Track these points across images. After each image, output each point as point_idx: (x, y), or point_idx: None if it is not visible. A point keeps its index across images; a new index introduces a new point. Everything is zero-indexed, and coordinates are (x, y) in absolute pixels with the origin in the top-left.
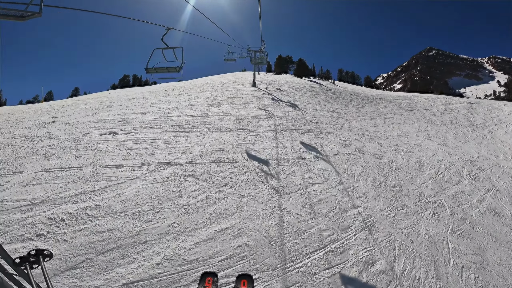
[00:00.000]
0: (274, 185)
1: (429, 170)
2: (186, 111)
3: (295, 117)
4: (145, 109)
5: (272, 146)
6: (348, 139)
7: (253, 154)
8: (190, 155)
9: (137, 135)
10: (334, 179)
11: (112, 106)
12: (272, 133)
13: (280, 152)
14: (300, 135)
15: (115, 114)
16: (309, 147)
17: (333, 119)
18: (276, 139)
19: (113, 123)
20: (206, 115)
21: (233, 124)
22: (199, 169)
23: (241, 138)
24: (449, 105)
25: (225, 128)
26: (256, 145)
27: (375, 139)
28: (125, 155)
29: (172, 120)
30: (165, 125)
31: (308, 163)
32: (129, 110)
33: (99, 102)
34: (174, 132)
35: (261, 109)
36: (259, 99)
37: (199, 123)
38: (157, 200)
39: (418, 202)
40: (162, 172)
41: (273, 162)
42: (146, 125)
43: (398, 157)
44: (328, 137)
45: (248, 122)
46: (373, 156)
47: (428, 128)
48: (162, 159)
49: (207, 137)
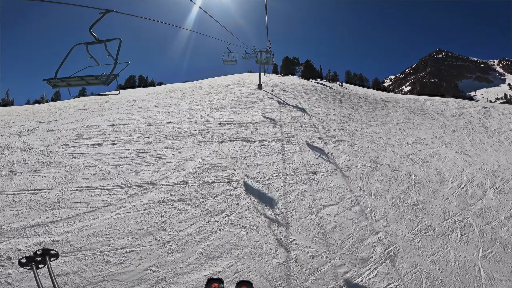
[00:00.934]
0: (280, 210)
1: (451, 183)
2: (185, 116)
3: (303, 123)
4: (141, 114)
5: (279, 159)
6: (361, 148)
7: (257, 171)
8: (182, 173)
9: (123, 147)
10: (350, 199)
11: (109, 109)
12: (278, 143)
13: (288, 166)
14: (310, 144)
15: (107, 119)
16: (319, 158)
17: (343, 125)
18: (283, 150)
19: (100, 131)
20: (206, 121)
21: (235, 133)
22: (191, 192)
23: (243, 150)
24: (462, 109)
25: (226, 138)
26: (261, 158)
27: (389, 147)
28: (103, 173)
29: (167, 128)
30: (158, 134)
31: (319, 179)
32: (123, 114)
33: (99, 103)
34: (167, 143)
35: (266, 114)
36: (264, 103)
37: (197, 131)
38: (133, 234)
39: (443, 222)
40: (144, 197)
41: (279, 180)
42: (137, 133)
43: (417, 169)
44: (339, 146)
45: (252, 130)
46: (389, 167)
47: (443, 134)
48: (147, 179)
49: (205, 149)
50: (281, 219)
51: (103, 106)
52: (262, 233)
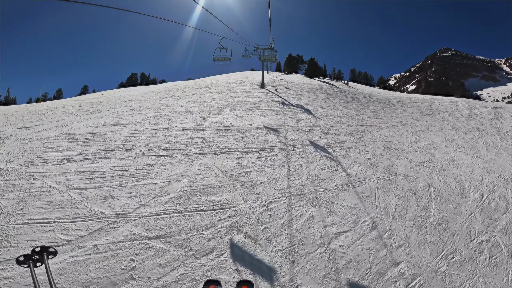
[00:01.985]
0: (284, 244)
1: (473, 195)
2: (178, 121)
3: (309, 127)
4: (130, 118)
5: (283, 175)
6: (373, 155)
7: (257, 191)
8: (164, 199)
9: (97, 163)
10: (365, 222)
11: (98, 111)
12: (282, 153)
13: (293, 183)
14: (317, 153)
15: (90, 124)
16: (329, 171)
17: (352, 128)
18: (287, 163)
19: (76, 140)
20: (202, 127)
21: (234, 141)
22: (173, 225)
23: (241, 164)
24: (473, 110)
25: (222, 148)
26: (262, 174)
27: (402, 153)
28: (64, 201)
29: (154, 136)
30: (142, 144)
31: (330, 198)
32: (110, 118)
33: (91, 104)
34: (151, 157)
35: (269, 117)
36: (267, 104)
37: (189, 140)
38: (91, 285)
39: (470, 243)
40: (112, 233)
41: (283, 203)
42: (118, 144)
43: (434, 179)
44: (350, 154)
45: (252, 137)
46: (405, 179)
47: (455, 136)
48: (118, 208)
49: (196, 164)
50: (285, 257)
51: (95, 107)
52: (261, 277)
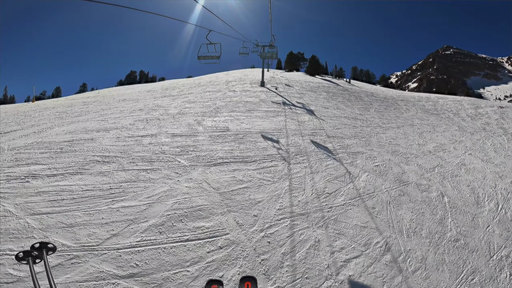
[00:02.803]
0: (285, 279)
1: (488, 204)
2: (169, 125)
3: (312, 130)
4: (117, 122)
5: (284, 190)
6: (382, 161)
7: (254, 213)
8: (142, 227)
9: (66, 181)
10: (378, 244)
11: (86, 113)
12: (283, 163)
13: (296, 200)
14: (322, 161)
15: (71, 130)
16: (335, 182)
17: (357, 130)
18: (289, 174)
19: (48, 151)
20: (194, 133)
21: (229, 149)
22: (151, 260)
23: (237, 178)
24: (478, 109)
25: (215, 159)
26: (260, 190)
27: (411, 157)
28: (19, 229)
29: (139, 145)
30: (124, 155)
31: (338, 216)
32: (95, 122)
33: (83, 103)
34: (132, 171)
35: (269, 120)
36: (267, 104)
37: (178, 149)
38: None
39: (489, 260)
40: (73, 271)
41: (285, 226)
42: (96, 155)
43: (448, 187)
44: (357, 161)
45: (250, 144)
46: (418, 188)
47: (462, 137)
48: (84, 239)
49: (183, 180)
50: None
51: (85, 108)
52: None
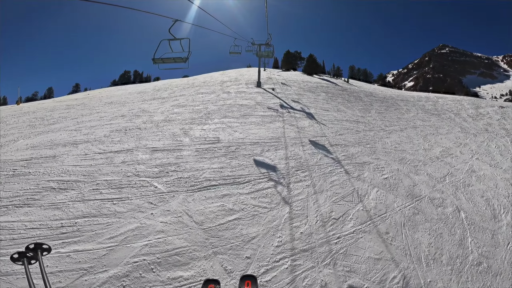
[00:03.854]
0: None
1: (505, 218)
2: (151, 136)
3: (313, 138)
4: (91, 132)
5: (284, 219)
6: (390, 171)
7: (247, 253)
8: (100, 279)
9: (9, 216)
10: (395, 279)
11: (63, 120)
12: (282, 182)
13: (298, 231)
14: (326, 177)
15: (34, 144)
16: (342, 203)
17: (360, 136)
18: (290, 197)
19: None
20: (179, 146)
21: (218, 168)
22: None
23: (226, 207)
24: (479, 109)
25: (201, 181)
26: (255, 222)
27: (419, 166)
28: None
29: (110, 165)
30: (88, 179)
31: (347, 249)
32: (66, 133)
33: (67, 107)
34: (94, 202)
35: (266, 127)
36: (263, 107)
37: (157, 169)
38: None
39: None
40: None
41: (285, 269)
42: (52, 179)
43: (462, 199)
44: (364, 174)
45: (244, 159)
46: (432, 203)
47: (466, 139)
48: None
49: (159, 212)
50: None
51: (66, 113)
52: None
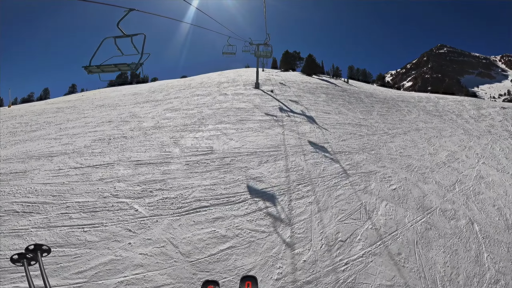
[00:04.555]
0: None
1: None
2: (137, 146)
3: (315, 144)
4: (71, 142)
5: (284, 245)
6: (398, 181)
7: None
8: None
9: None
10: None
11: (45, 127)
12: (283, 199)
13: (301, 259)
14: (331, 190)
15: (8, 156)
16: (349, 222)
17: (364, 141)
18: (291, 217)
19: None
20: (167, 158)
21: (211, 184)
22: None
23: (218, 234)
24: (480, 110)
25: (190, 201)
26: (251, 250)
27: (427, 173)
28: None
29: (85, 182)
30: (57, 200)
31: (356, 276)
32: (44, 143)
33: (57, 110)
34: (62, 227)
35: (264, 134)
36: (261, 110)
37: (140, 187)
38: None
39: None
40: None
41: None
42: (16, 201)
43: (474, 209)
44: (371, 185)
45: (240, 172)
46: (444, 215)
47: (470, 142)
48: None
49: (139, 241)
50: None
51: (51, 119)
52: None
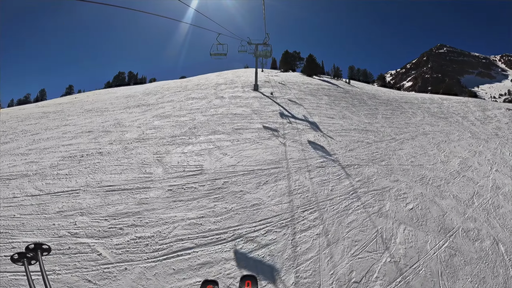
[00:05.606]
0: None
1: None
2: (112, 165)
3: (321, 157)
4: (37, 160)
5: None
6: (414, 198)
7: None
8: None
9: None
10: None
11: (19, 137)
12: (285, 235)
13: None
14: (342, 216)
15: None
16: (365, 257)
17: (372, 149)
18: (295, 259)
19: None
20: (146, 181)
21: (198, 215)
22: None
23: None
24: (485, 112)
25: (169, 242)
26: None
27: (443, 185)
28: None
29: (41, 216)
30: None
31: None
32: (7, 161)
33: (42, 115)
34: (1, 279)
35: (263, 146)
36: (261, 117)
37: (107, 223)
38: None
39: None
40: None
41: None
42: None
43: (496, 227)
44: (386, 205)
45: (234, 200)
46: (467, 236)
47: (479, 146)
48: None
49: None
50: None
51: (31, 126)
52: None
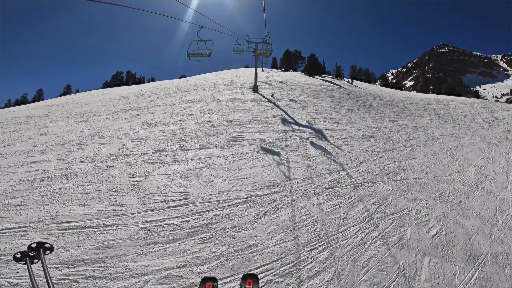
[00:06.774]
0: None
1: None
2: (75, 194)
3: (329, 175)
4: None
5: None
6: (436, 221)
7: None
8: None
9: None
10: None
11: None
12: (289, 284)
13: None
14: (356, 253)
15: None
16: None
17: (384, 160)
18: None
19: None
20: (116, 216)
21: (177, 264)
22: None
23: None
24: (493, 113)
25: None
26: None
27: (463, 201)
28: None
29: None
30: None
31: None
32: None
33: (26, 119)
34: None
35: (262, 163)
36: (260, 125)
37: (54, 280)
38: None
39: None
40: None
41: None
42: None
43: None
44: (407, 233)
45: (225, 239)
46: (496, 263)
47: (491, 152)
48: None
49: None
50: None
51: (5, 135)
52: None
